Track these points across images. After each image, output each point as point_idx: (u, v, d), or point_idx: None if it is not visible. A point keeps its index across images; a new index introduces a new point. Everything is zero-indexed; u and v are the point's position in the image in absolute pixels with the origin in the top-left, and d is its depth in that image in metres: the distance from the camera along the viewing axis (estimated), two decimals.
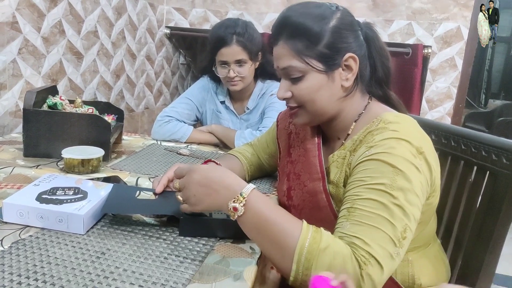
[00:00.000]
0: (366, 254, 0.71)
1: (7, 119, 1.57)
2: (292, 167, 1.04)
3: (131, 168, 1.27)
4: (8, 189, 1.01)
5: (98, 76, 2.12)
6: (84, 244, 0.80)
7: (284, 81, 0.93)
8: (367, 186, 0.78)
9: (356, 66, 0.90)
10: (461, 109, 2.56)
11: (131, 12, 2.35)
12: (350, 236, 0.74)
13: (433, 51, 2.42)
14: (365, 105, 0.96)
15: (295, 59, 0.88)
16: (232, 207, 0.75)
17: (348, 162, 0.89)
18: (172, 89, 3.03)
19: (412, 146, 0.81)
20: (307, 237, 0.72)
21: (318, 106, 0.91)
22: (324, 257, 0.70)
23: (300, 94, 0.91)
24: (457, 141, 1.16)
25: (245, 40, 1.58)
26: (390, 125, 0.84)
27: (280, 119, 1.19)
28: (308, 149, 1.00)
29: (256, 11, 2.64)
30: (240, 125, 1.75)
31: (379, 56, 0.94)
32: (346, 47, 0.88)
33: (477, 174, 1.10)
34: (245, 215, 0.75)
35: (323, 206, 0.92)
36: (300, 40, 0.87)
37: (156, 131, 1.65)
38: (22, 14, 1.57)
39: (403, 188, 0.76)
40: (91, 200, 0.88)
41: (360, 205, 0.77)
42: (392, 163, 0.78)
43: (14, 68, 1.57)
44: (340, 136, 0.98)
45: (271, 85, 1.72)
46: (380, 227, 0.73)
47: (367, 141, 0.85)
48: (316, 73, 0.88)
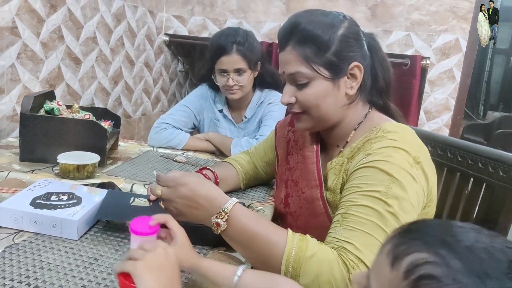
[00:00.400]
0: (355, 258, 0.72)
1: (4, 124, 1.57)
2: (290, 174, 1.05)
3: (126, 174, 1.26)
4: (3, 193, 1.01)
5: (96, 82, 2.13)
6: (77, 250, 0.79)
7: (289, 87, 0.93)
8: (362, 193, 0.79)
9: (360, 75, 0.91)
10: (459, 121, 2.57)
11: (131, 19, 2.36)
12: (341, 241, 0.75)
13: (432, 62, 2.43)
14: (365, 114, 0.97)
15: (303, 65, 0.89)
16: (214, 222, 0.76)
17: (346, 169, 0.90)
18: (170, 96, 3.03)
19: (410, 156, 0.81)
20: (292, 246, 0.73)
21: (323, 112, 0.92)
22: (311, 265, 0.71)
23: (305, 100, 0.91)
24: (453, 152, 1.16)
25: (245, 49, 1.59)
26: (389, 134, 0.85)
27: (279, 128, 1.19)
28: (307, 156, 1.00)
29: (254, 19, 2.65)
30: (237, 133, 1.75)
31: (381, 67, 0.96)
32: (352, 56, 0.90)
33: (474, 186, 1.10)
34: (228, 229, 0.76)
35: (319, 213, 0.92)
36: (309, 46, 0.88)
37: (153, 137, 1.65)
38: (22, 20, 1.57)
39: (398, 196, 0.77)
40: (85, 206, 0.88)
41: (354, 211, 0.77)
42: (388, 171, 0.78)
43: (12, 72, 1.57)
44: (339, 143, 0.99)
45: (269, 94, 1.73)
46: (372, 234, 0.74)
47: (365, 149, 0.86)
48: (323, 80, 0.89)
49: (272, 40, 2.63)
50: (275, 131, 1.20)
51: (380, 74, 0.96)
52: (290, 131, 1.12)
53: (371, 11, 2.47)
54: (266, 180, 1.29)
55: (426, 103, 2.51)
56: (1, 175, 1.12)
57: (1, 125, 1.56)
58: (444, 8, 2.37)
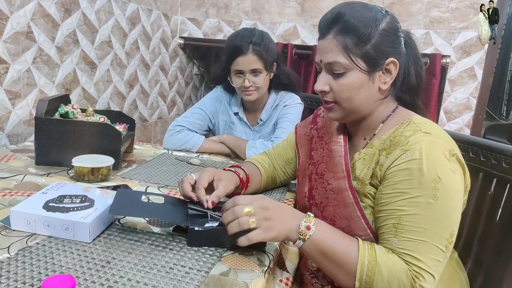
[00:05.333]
0: (417, 268, 0.77)
1: (21, 128, 1.58)
2: (314, 168, 1.06)
3: (141, 177, 1.25)
4: (18, 197, 1.01)
5: (112, 86, 2.14)
6: (90, 253, 0.78)
7: (325, 75, 0.94)
8: (410, 200, 0.81)
9: (395, 71, 0.92)
10: (481, 121, 2.50)
11: (145, 23, 2.37)
12: (399, 253, 0.79)
13: (452, 60, 2.37)
14: (394, 109, 0.98)
15: (341, 55, 0.89)
16: (305, 226, 0.81)
17: (379, 162, 0.89)
18: (186, 99, 3.04)
19: (446, 148, 0.83)
20: (365, 255, 0.79)
21: (355, 104, 0.93)
22: (383, 272, 0.77)
23: (339, 90, 0.92)
24: (476, 152, 1.12)
25: (261, 49, 1.58)
26: (422, 126, 0.87)
27: (299, 127, 1.22)
28: (334, 150, 1.01)
29: (269, 21, 2.64)
30: (253, 136, 1.73)
31: (415, 65, 0.97)
32: (389, 51, 0.91)
33: (497, 187, 1.06)
34: (316, 233, 0.81)
35: (349, 203, 0.93)
36: (350, 37, 0.88)
37: (168, 140, 1.64)
38: (37, 24, 1.59)
39: (445, 195, 0.79)
40: (98, 208, 0.87)
41: (406, 221, 0.80)
42: (430, 171, 0.80)
43: (28, 77, 1.59)
44: (366, 136, 0.99)
45: (284, 96, 1.71)
46: (428, 240, 0.78)
47: (401, 143, 0.86)
48: (359, 72, 0.90)
49: (287, 41, 2.61)
50: (296, 130, 1.22)
51: (413, 72, 0.97)
52: (313, 128, 1.14)
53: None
54: (282, 182, 1.28)
55: (446, 103, 2.45)
56: (17, 179, 1.13)
57: (19, 130, 1.57)
58: (464, 5, 2.31)
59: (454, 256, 1.02)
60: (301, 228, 0.80)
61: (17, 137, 1.57)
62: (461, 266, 1.04)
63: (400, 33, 0.94)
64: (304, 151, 1.15)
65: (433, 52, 2.38)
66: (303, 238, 0.80)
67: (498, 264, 1.03)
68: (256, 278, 0.74)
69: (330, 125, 1.08)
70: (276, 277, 0.88)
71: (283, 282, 0.88)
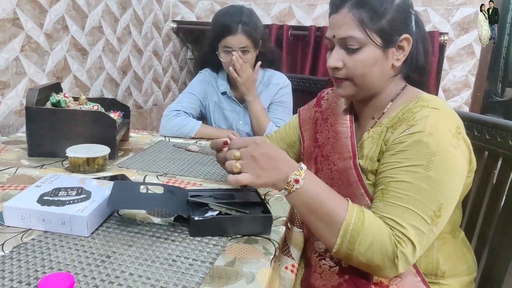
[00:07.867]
0: (400, 234, 0.76)
1: (12, 118, 1.54)
2: (319, 151, 1.06)
3: (139, 166, 1.22)
4: (11, 191, 0.98)
5: (104, 73, 2.08)
6: (89, 247, 0.75)
7: (339, 51, 0.92)
8: (402, 168, 0.81)
9: (408, 48, 0.91)
10: (480, 98, 2.48)
11: (136, 6, 2.30)
12: (383, 217, 0.79)
13: (450, 38, 2.34)
14: (403, 87, 0.97)
15: (357, 29, 0.87)
16: (293, 179, 0.78)
17: (385, 138, 0.89)
18: (181, 84, 2.99)
19: (452, 124, 0.82)
20: (352, 214, 0.77)
21: (368, 81, 0.91)
22: (367, 234, 0.76)
23: (353, 66, 0.90)
24: (480, 130, 1.09)
25: (250, 29, 1.58)
26: (430, 103, 0.86)
27: (303, 110, 1.22)
28: (340, 132, 1.01)
29: (264, 1, 2.58)
30: (244, 113, 1.73)
31: (423, 43, 0.95)
32: (404, 28, 0.90)
33: (503, 166, 1.05)
34: (303, 188, 0.79)
35: (353, 181, 0.93)
36: (366, 10, 0.87)
37: (164, 125, 1.61)
38: (23, 10, 1.53)
39: (439, 168, 0.78)
40: (95, 200, 0.84)
41: (394, 187, 0.80)
42: (430, 143, 0.79)
43: (17, 66, 1.54)
44: (375, 115, 0.98)
45: (273, 74, 1.73)
46: (412, 208, 0.77)
47: (408, 119, 0.85)
48: (374, 47, 0.88)
49: (282, 22, 2.56)
50: (299, 114, 1.22)
51: (422, 51, 0.95)
52: (317, 111, 1.14)
53: None
54: None
55: (444, 81, 2.42)
56: (9, 172, 1.09)
57: (9, 120, 1.53)
58: None
59: (460, 236, 1.01)
60: (289, 179, 0.78)
61: (8, 129, 1.53)
62: (468, 245, 1.04)
63: (412, 10, 0.92)
64: (309, 135, 1.14)
65: (431, 29, 2.34)
66: (289, 189, 0.79)
67: (504, 242, 1.02)
68: (262, 268, 0.72)
69: (335, 107, 1.06)
70: (282, 264, 0.86)
71: (289, 269, 0.86)
